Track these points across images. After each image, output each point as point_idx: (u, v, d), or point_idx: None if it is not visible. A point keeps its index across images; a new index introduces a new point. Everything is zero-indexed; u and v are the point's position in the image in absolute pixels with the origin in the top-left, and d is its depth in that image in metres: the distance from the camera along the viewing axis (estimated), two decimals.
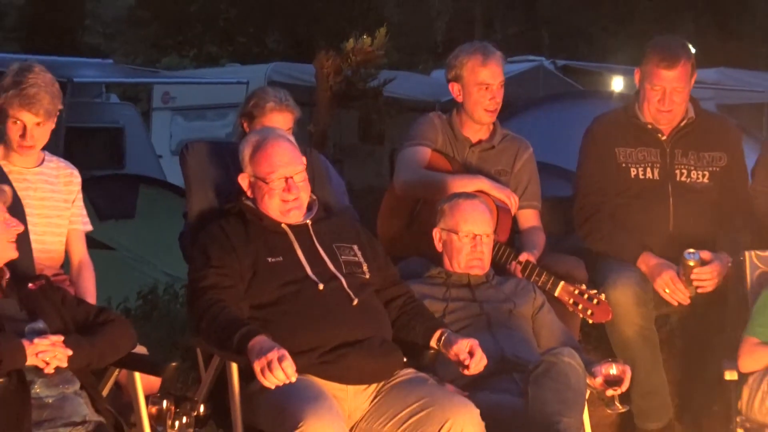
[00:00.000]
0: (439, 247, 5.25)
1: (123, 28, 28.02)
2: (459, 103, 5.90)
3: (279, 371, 4.17)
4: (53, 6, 23.38)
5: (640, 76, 5.90)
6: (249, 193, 4.73)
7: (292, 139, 4.86)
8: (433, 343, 4.64)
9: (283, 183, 4.65)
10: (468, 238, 5.19)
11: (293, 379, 4.21)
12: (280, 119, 5.70)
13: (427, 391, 4.46)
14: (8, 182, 4.43)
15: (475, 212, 5.24)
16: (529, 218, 5.86)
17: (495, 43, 5.99)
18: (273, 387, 4.22)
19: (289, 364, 4.20)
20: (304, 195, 4.71)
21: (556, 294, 5.33)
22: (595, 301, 5.32)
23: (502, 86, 5.85)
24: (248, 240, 4.61)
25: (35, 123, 4.93)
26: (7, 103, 4.89)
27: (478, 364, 4.51)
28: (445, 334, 4.62)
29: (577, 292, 5.34)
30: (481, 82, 5.79)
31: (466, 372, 4.53)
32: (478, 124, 5.87)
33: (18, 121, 4.91)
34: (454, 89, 5.88)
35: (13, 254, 4.28)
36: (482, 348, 4.58)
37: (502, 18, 24.36)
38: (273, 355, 4.20)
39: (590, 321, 5.37)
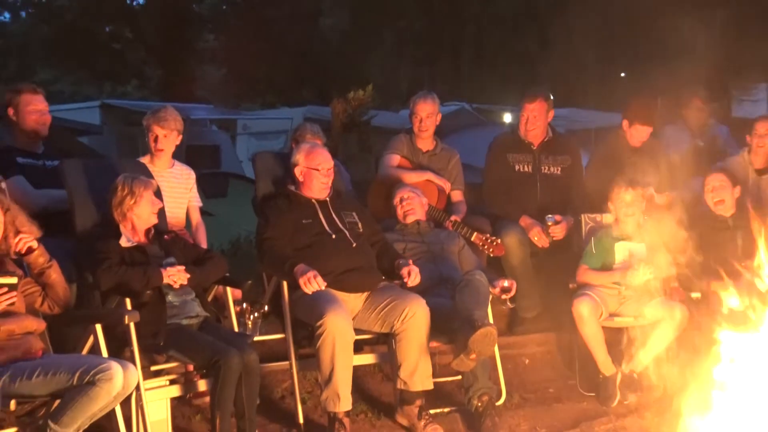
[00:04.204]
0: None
1: (219, 86, 27.81)
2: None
3: (314, 283, 4.23)
4: (179, 74, 23.49)
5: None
6: (300, 179, 4.67)
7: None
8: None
9: (327, 171, 4.65)
10: (397, 199, 5.21)
11: (323, 288, 4.26)
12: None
13: (395, 292, 4.49)
14: (153, 178, 4.44)
15: (405, 188, 5.27)
16: (457, 195, 5.84)
17: (435, 92, 5.96)
18: (311, 293, 4.26)
19: (321, 279, 4.25)
20: (331, 181, 4.71)
21: (472, 239, 5.32)
22: (495, 243, 5.33)
23: (430, 117, 5.74)
24: (291, 210, 4.60)
25: (163, 135, 4.92)
26: (148, 123, 4.91)
27: (413, 279, 4.48)
28: (399, 261, 4.60)
29: (484, 238, 5.34)
30: (414, 113, 5.77)
31: (407, 284, 4.49)
32: (419, 138, 5.84)
33: (153, 133, 4.91)
34: (410, 118, 5.85)
35: (155, 220, 4.29)
36: (427, 271, 4.61)
37: (440, 78, 24.39)
38: (310, 274, 4.25)
39: (492, 255, 5.38)
